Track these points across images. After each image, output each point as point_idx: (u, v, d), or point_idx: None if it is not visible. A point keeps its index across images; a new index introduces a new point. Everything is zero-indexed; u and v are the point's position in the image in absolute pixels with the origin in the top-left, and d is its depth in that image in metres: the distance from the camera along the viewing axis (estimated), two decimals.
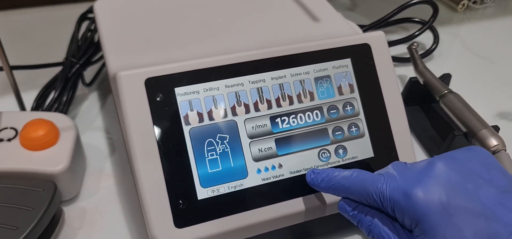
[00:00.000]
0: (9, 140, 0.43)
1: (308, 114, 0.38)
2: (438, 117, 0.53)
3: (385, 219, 0.32)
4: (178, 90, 0.36)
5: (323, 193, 0.37)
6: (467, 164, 0.31)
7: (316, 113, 0.38)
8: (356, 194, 0.32)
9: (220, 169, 0.36)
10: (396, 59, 0.64)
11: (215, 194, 0.35)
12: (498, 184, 0.30)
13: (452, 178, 0.30)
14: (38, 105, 0.51)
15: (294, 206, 0.37)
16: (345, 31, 0.44)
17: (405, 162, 0.33)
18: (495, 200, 0.29)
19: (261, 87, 0.38)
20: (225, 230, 0.35)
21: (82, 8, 0.62)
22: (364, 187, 0.32)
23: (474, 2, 0.80)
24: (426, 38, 0.68)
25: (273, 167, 0.37)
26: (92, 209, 0.44)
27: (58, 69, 0.55)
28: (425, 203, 0.29)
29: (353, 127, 0.39)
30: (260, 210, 0.36)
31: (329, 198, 0.37)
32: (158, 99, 0.35)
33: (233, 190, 0.36)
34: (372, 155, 0.39)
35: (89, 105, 0.56)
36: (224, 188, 0.35)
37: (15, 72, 0.48)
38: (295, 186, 0.37)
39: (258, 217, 0.36)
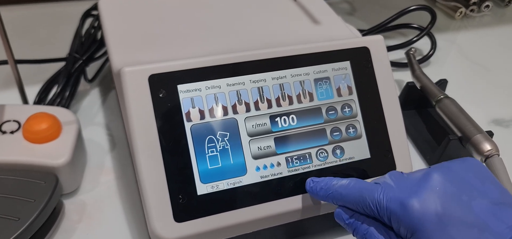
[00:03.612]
0: (12, 132, 0.43)
1: (307, 115, 0.39)
2: (434, 121, 0.54)
3: (380, 228, 0.32)
4: (180, 87, 0.36)
5: None
6: (462, 174, 0.31)
7: (315, 113, 0.39)
8: (353, 202, 0.33)
9: (220, 165, 0.36)
10: (394, 64, 0.65)
11: (215, 190, 0.36)
12: (491, 196, 0.30)
13: (448, 189, 0.30)
14: (41, 99, 0.51)
15: (292, 204, 0.37)
16: (345, 34, 0.45)
17: (402, 172, 0.33)
18: (488, 211, 0.29)
19: (261, 87, 0.38)
20: (223, 225, 0.36)
21: (86, 5, 0.63)
22: (361, 196, 0.32)
23: (471, 10, 0.81)
24: (423, 44, 0.68)
25: (272, 165, 0.37)
26: (91, 203, 0.44)
27: (61, 64, 0.55)
28: (421, 213, 0.29)
29: (350, 128, 0.40)
30: (258, 207, 0.37)
31: None
32: (161, 95, 0.36)
33: (232, 186, 0.36)
34: (369, 156, 0.40)
35: (91, 101, 0.56)
36: (223, 184, 0.36)
37: (19, 66, 0.49)
38: (293, 184, 0.38)
39: (256, 214, 0.36)
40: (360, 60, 0.41)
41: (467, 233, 0.29)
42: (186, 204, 0.35)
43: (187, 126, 0.36)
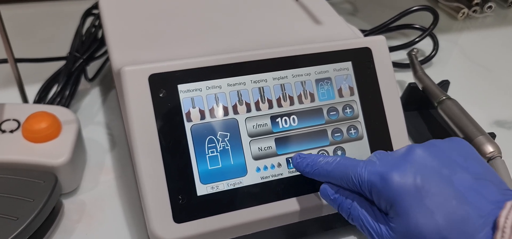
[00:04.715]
0: (11, 131, 0.43)
1: (308, 115, 0.39)
2: (436, 123, 0.54)
3: (363, 202, 0.33)
4: (181, 87, 0.36)
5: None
6: (446, 151, 0.32)
7: (316, 114, 0.39)
8: (337, 178, 0.33)
9: (220, 166, 0.36)
10: (396, 65, 0.65)
11: (215, 190, 0.36)
12: (474, 172, 0.30)
13: (429, 163, 0.30)
14: (41, 98, 0.51)
15: (292, 205, 0.37)
16: (347, 35, 0.45)
17: (387, 151, 0.34)
18: (468, 186, 0.29)
19: (262, 87, 0.38)
20: (223, 226, 0.36)
21: (87, 4, 0.62)
22: (345, 172, 0.33)
23: (474, 11, 0.80)
24: (426, 45, 0.68)
25: (272, 166, 0.37)
26: (91, 202, 0.44)
27: (61, 63, 0.55)
28: (399, 185, 0.30)
29: (352, 129, 0.40)
30: (259, 208, 0.36)
31: None
32: (161, 95, 0.36)
33: (232, 187, 0.36)
34: None
35: (91, 100, 0.56)
36: (223, 185, 0.36)
37: (19, 65, 0.48)
38: (294, 185, 0.37)
39: (256, 215, 0.36)
40: (362, 60, 0.41)
41: (445, 205, 0.29)
42: (186, 204, 0.35)
43: (187, 126, 0.36)
